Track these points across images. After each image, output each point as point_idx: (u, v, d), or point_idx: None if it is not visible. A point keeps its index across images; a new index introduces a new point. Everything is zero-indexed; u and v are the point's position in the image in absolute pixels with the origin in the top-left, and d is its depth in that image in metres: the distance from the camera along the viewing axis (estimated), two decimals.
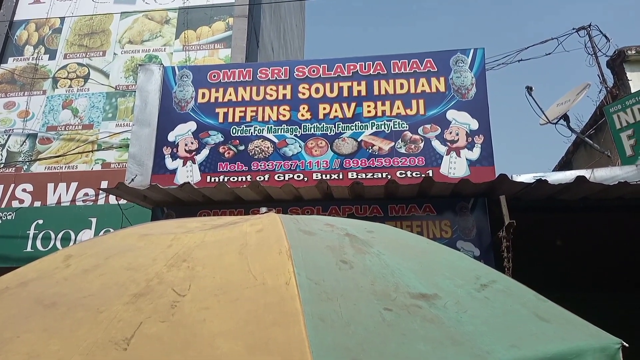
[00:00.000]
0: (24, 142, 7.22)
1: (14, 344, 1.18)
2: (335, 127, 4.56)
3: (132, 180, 4.38)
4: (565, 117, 7.86)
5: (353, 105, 4.60)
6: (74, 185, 6.75)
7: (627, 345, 1.61)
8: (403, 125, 4.44)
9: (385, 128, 4.47)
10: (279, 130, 4.62)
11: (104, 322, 1.26)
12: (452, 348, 1.33)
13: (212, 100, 4.80)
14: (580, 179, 3.51)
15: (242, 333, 1.21)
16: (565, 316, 1.66)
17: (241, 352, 1.15)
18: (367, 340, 1.26)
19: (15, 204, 6.71)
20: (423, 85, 4.55)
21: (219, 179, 4.44)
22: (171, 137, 4.70)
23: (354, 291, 1.49)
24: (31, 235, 6.32)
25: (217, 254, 1.61)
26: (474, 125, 4.28)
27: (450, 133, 4.31)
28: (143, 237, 1.78)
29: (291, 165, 4.43)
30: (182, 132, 4.69)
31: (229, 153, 4.59)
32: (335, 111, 4.57)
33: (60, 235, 6.24)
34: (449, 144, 4.29)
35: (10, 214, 6.59)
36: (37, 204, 6.70)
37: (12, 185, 6.89)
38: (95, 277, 1.50)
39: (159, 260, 1.58)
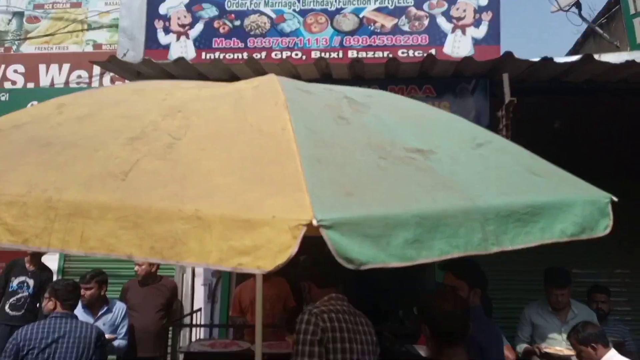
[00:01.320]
0: (10, 20, 6.88)
1: (11, 175, 1.20)
2: (336, 1, 4.30)
3: (125, 55, 4.23)
4: (578, 5, 7.48)
5: None
6: (66, 67, 6.56)
7: (616, 199, 1.66)
8: (408, 1, 4.20)
9: (389, 3, 4.22)
10: (277, 4, 4.36)
11: (101, 159, 1.27)
12: (443, 192, 1.36)
13: None
14: (586, 57, 3.40)
15: (237, 169, 1.23)
16: (557, 172, 1.69)
17: (236, 184, 1.17)
18: (361, 180, 1.29)
19: (7, 85, 6.58)
20: None
21: (214, 56, 4.29)
22: (163, 9, 4.45)
23: (350, 142, 1.50)
24: None
25: (212, 106, 1.59)
26: (483, 0, 4.04)
27: (457, 9, 4.08)
28: (137, 91, 1.75)
29: (289, 42, 4.25)
30: (174, 4, 4.44)
31: (224, 28, 4.38)
32: None
33: None
34: (454, 21, 4.08)
35: (4, 95, 6.49)
36: (30, 85, 6.57)
37: (3, 66, 6.69)
38: (90, 124, 1.49)
39: (153, 110, 1.56)
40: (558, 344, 3.75)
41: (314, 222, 1.04)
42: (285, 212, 1.07)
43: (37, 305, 4.74)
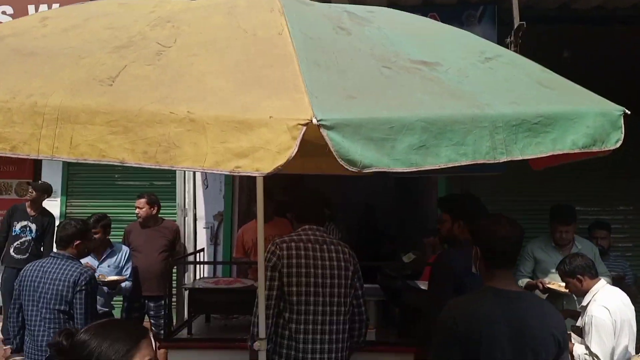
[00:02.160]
0: None
1: None
2: None
3: None
4: None
5: None
6: (55, 6, 6.32)
7: (629, 112, 1.59)
8: None
9: None
10: None
11: (87, 66, 1.20)
12: (451, 100, 1.29)
13: None
14: None
15: (232, 72, 1.16)
16: (569, 85, 1.62)
17: (231, 87, 1.10)
18: (363, 85, 1.22)
19: None
20: None
21: None
22: None
23: (351, 51, 1.41)
24: None
25: (203, 15, 1.49)
26: None
27: None
28: (123, 4, 1.64)
29: None
30: None
31: None
32: None
33: None
34: None
35: None
36: None
37: None
38: (75, 35, 1.40)
39: (141, 21, 1.46)
40: (560, 279, 3.79)
41: (314, 121, 0.98)
42: (284, 113, 1.01)
43: (41, 248, 4.80)
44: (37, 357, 3.04)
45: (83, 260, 3.39)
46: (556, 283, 3.68)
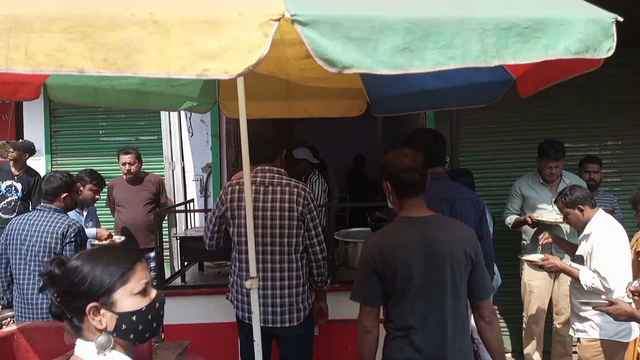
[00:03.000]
0: None
1: None
2: None
3: None
4: None
5: None
6: None
7: (621, 19, 1.52)
8: None
9: None
10: None
11: None
12: (436, 1, 1.21)
13: None
14: None
15: None
16: None
17: None
18: None
19: None
20: None
21: None
22: None
23: None
24: None
25: None
26: None
27: None
28: None
29: None
30: None
31: None
32: None
33: None
34: None
35: None
36: None
37: None
38: None
39: None
40: (548, 214, 3.81)
41: (287, 16, 0.91)
42: (254, 9, 0.94)
43: (29, 207, 4.75)
44: (27, 312, 3.04)
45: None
46: (545, 216, 3.72)
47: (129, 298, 1.14)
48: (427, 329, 1.92)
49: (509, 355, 4.48)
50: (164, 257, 4.40)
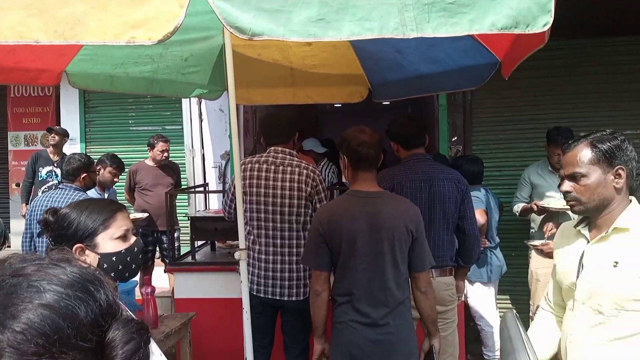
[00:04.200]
0: None
1: None
2: None
3: None
4: None
5: None
6: None
7: None
8: None
9: None
10: None
11: None
12: None
13: None
14: None
15: None
16: None
17: None
18: None
19: None
20: None
21: None
22: None
23: None
24: None
25: None
26: None
27: None
28: None
29: None
30: None
31: None
32: None
33: None
34: None
35: None
36: None
37: None
38: None
39: None
40: (556, 201, 3.78)
41: None
42: None
43: None
44: None
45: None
46: (550, 203, 3.69)
47: (109, 241, 1.34)
48: (369, 295, 2.07)
49: None
50: (184, 238, 4.67)
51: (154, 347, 1.48)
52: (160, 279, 4.71)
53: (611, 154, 1.52)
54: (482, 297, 3.85)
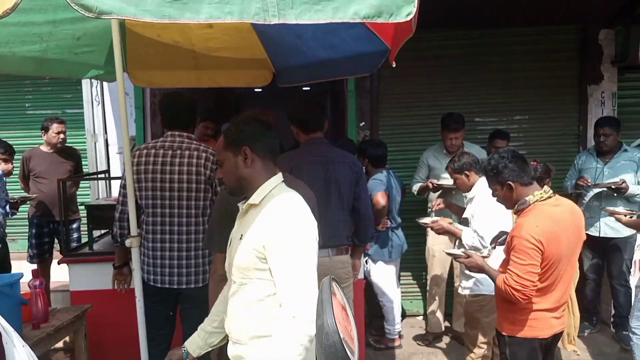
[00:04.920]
0: None
1: None
2: None
3: None
4: None
5: None
6: None
7: None
8: None
9: None
10: None
11: None
12: None
13: None
14: None
15: None
16: None
17: None
18: None
19: None
20: None
21: None
22: None
23: None
24: None
25: None
26: None
27: None
28: None
29: None
30: None
31: None
32: None
33: None
34: None
35: None
36: None
37: None
38: None
39: None
40: (448, 181, 4.04)
41: None
42: None
43: None
44: None
45: None
46: (443, 181, 3.94)
47: None
48: None
49: (419, 317, 4.75)
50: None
51: (15, 339, 1.42)
52: (62, 272, 4.47)
53: (234, 137, 1.68)
54: (383, 275, 4.05)
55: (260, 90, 7.89)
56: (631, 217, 3.32)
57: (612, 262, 4.01)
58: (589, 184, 3.91)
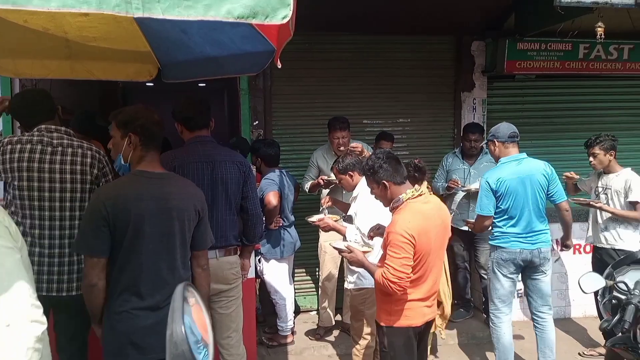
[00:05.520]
0: None
1: None
2: None
3: None
4: None
5: None
6: None
7: None
8: None
9: None
10: None
11: None
12: None
13: None
14: None
15: None
16: None
17: None
18: None
19: None
20: None
21: None
22: None
23: None
24: None
25: None
26: None
27: None
28: None
29: None
30: None
31: None
32: None
33: None
34: None
35: None
36: None
37: None
38: None
39: None
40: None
41: None
42: None
43: None
44: None
45: None
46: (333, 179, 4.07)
47: None
48: (155, 277, 2.02)
49: (313, 313, 4.86)
50: None
51: None
52: None
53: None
54: (276, 273, 4.08)
55: (152, 85, 7.52)
56: None
57: (479, 253, 4.44)
58: (459, 186, 4.30)
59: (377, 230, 2.76)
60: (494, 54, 4.95)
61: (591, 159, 3.82)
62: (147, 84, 7.84)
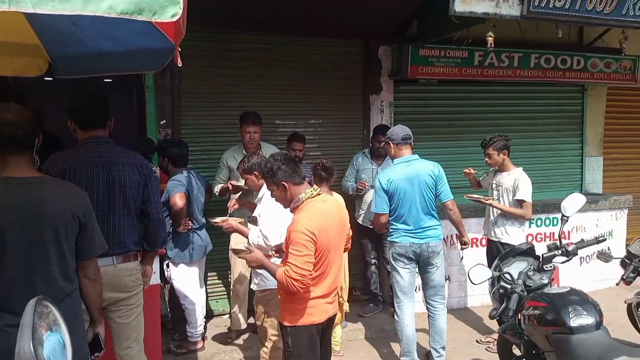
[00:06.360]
0: None
1: None
2: None
3: None
4: None
5: None
6: None
7: None
8: None
9: None
10: None
11: None
12: None
13: None
14: None
15: None
16: None
17: None
18: None
19: None
20: None
21: None
22: None
23: None
24: None
25: None
26: None
27: None
28: None
29: None
30: None
31: None
32: None
33: None
34: None
35: None
36: None
37: None
38: None
39: None
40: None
41: None
42: None
43: None
44: None
45: None
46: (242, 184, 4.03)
47: None
48: (30, 291, 1.85)
49: (225, 316, 4.78)
50: None
51: None
52: None
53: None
54: (185, 278, 3.96)
55: (52, 79, 6.98)
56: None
57: (386, 249, 4.63)
58: (367, 187, 4.47)
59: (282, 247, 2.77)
60: (399, 59, 5.18)
61: (487, 158, 4.12)
62: (46, 78, 7.29)
